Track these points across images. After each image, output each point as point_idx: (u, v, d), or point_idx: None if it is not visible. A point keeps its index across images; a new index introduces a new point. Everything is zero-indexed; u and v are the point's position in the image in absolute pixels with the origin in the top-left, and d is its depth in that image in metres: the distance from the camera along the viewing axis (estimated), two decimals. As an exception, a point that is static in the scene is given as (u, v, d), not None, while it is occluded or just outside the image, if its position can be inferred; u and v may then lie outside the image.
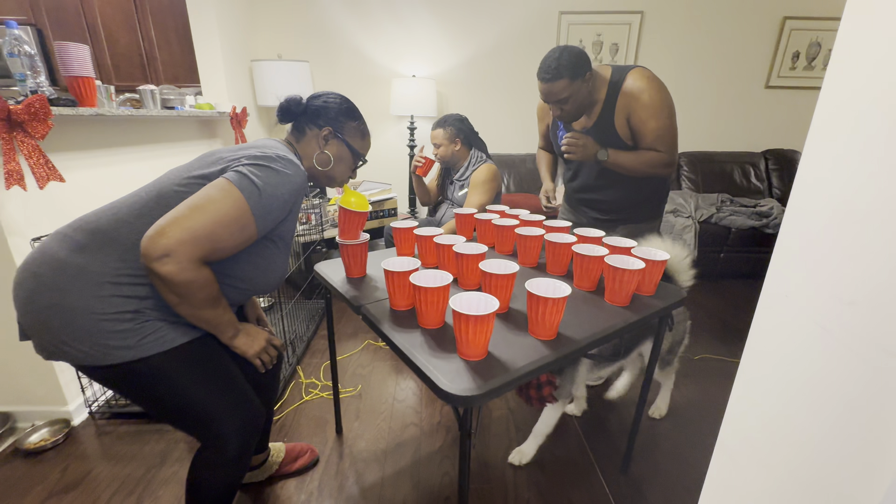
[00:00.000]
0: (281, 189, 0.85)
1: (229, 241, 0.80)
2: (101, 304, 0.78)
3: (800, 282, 0.43)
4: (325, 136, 1.03)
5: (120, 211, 0.83)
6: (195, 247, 0.75)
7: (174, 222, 0.74)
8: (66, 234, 0.82)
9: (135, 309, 0.80)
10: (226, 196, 0.79)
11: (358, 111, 1.08)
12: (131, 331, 0.79)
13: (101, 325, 0.78)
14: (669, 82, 3.26)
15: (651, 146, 1.40)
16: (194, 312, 0.81)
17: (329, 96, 1.05)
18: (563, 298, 0.81)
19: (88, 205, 1.52)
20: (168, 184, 0.85)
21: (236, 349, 0.92)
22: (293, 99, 1.02)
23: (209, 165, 0.87)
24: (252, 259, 0.90)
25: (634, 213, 1.60)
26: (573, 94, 1.36)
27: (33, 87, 1.31)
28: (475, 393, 0.69)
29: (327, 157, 1.03)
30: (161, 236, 0.73)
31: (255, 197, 0.81)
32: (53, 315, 0.77)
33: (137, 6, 2.84)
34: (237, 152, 0.87)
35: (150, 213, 0.81)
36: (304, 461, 1.33)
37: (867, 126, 0.36)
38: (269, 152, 0.87)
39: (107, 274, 0.79)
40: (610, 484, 1.30)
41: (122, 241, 0.81)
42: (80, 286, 0.78)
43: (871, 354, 0.36)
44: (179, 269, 0.74)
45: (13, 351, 1.40)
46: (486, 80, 3.13)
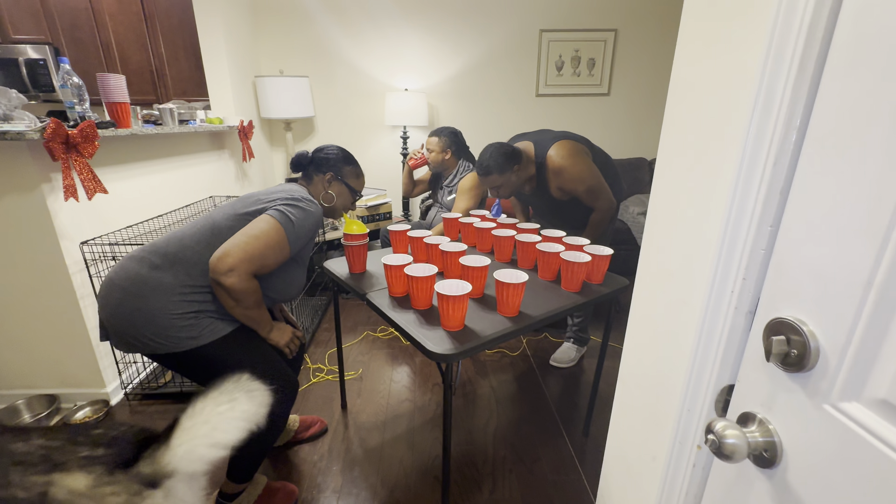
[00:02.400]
0: (307, 221, 1.15)
1: (272, 259, 1.09)
2: (174, 307, 1.04)
3: (650, 262, 0.67)
4: (329, 180, 1.32)
5: (183, 239, 1.10)
6: (251, 263, 1.03)
7: (236, 246, 1.03)
8: (143, 257, 1.08)
9: (196, 310, 1.07)
10: (271, 227, 1.08)
11: (353, 158, 1.38)
12: (194, 326, 1.06)
13: (174, 321, 1.03)
14: (642, 94, 3.53)
15: (589, 204, 1.72)
16: (245, 312, 1.09)
17: (330, 149, 1.35)
18: (522, 284, 1.06)
19: (124, 211, 1.77)
20: (220, 219, 1.13)
21: (270, 340, 1.19)
22: (302, 154, 1.34)
23: (251, 205, 1.15)
24: (281, 274, 1.18)
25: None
26: (504, 183, 1.70)
27: (81, 113, 1.53)
28: (453, 352, 0.93)
29: (331, 196, 1.34)
30: (227, 256, 1.01)
31: (291, 228, 1.11)
32: (138, 317, 1.03)
33: (149, 26, 3.05)
34: (272, 195, 1.17)
35: (208, 241, 1.09)
36: (315, 429, 1.57)
37: (677, 160, 0.61)
38: (297, 195, 1.17)
39: (178, 286, 1.05)
40: (574, 443, 1.55)
41: (188, 261, 1.07)
42: (158, 294, 1.04)
43: (677, 302, 0.61)
44: (239, 280, 1.02)
45: (58, 341, 1.62)
46: (473, 93, 3.38)
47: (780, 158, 0.43)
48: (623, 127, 3.56)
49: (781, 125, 0.43)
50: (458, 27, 3.20)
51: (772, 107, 0.43)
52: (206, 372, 1.10)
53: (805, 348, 0.40)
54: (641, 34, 3.31)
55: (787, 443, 0.44)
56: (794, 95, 0.41)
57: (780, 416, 0.44)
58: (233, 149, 2.79)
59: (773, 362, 0.44)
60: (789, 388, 0.43)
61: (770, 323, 0.44)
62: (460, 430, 1.62)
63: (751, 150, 0.46)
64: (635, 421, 0.74)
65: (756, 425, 0.46)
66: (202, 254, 1.07)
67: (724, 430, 0.44)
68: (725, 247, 0.50)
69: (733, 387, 0.52)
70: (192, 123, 2.37)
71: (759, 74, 0.44)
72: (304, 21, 3.10)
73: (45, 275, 1.53)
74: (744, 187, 0.47)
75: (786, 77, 0.42)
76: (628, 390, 0.76)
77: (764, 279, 0.46)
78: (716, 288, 0.52)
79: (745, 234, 0.47)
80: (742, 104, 0.48)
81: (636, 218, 3.03)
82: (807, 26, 0.39)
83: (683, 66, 0.58)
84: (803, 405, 0.42)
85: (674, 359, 0.62)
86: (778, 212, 0.44)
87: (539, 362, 2.06)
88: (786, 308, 0.43)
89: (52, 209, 1.46)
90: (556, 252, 1.27)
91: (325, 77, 3.24)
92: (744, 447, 0.44)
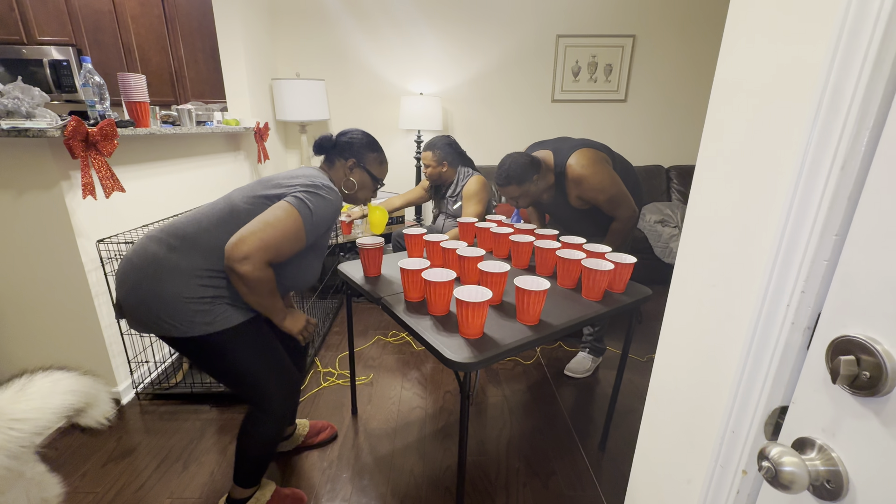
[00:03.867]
0: (326, 211, 1.10)
1: (288, 248, 1.04)
2: (189, 291, 1.02)
3: (689, 273, 0.64)
4: (350, 167, 1.27)
5: (201, 222, 1.07)
6: (266, 252, 0.99)
7: (252, 234, 0.99)
8: (161, 238, 1.06)
9: (212, 296, 1.04)
10: (288, 215, 1.04)
11: (377, 144, 1.32)
12: (209, 311, 1.03)
13: (189, 306, 1.02)
14: (660, 100, 3.49)
15: (609, 213, 1.68)
16: (258, 300, 1.05)
17: (354, 133, 1.30)
18: (544, 291, 1.02)
19: (141, 210, 1.77)
20: (238, 202, 1.10)
21: (284, 328, 1.15)
22: (325, 137, 1.28)
23: (270, 188, 1.11)
24: (297, 264, 1.14)
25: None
26: (523, 194, 1.66)
27: (101, 112, 1.54)
28: (473, 360, 0.90)
29: (352, 183, 1.28)
30: (242, 244, 0.97)
31: (308, 216, 1.06)
32: (153, 298, 1.01)
33: (169, 28, 3.10)
34: (292, 180, 1.12)
35: (226, 224, 1.06)
36: (325, 435, 1.54)
37: (721, 166, 0.58)
38: (317, 181, 1.12)
39: (194, 269, 1.03)
40: (590, 457, 1.50)
41: (205, 244, 1.04)
42: (175, 277, 1.02)
43: (721, 317, 0.57)
44: (253, 269, 0.98)
45: (71, 338, 1.62)
46: (488, 98, 3.36)
47: (850, 161, 0.40)
48: (640, 134, 3.51)
49: (851, 125, 0.39)
50: (474, 32, 3.20)
51: (840, 105, 0.40)
52: (213, 360, 1.10)
53: (880, 370, 0.36)
54: (660, 40, 3.27)
55: (855, 474, 0.39)
56: (867, 93, 0.38)
57: (847, 444, 0.40)
58: (248, 150, 2.81)
59: (840, 384, 0.40)
60: (859, 413, 0.39)
61: (835, 341, 0.40)
62: (472, 439, 1.58)
63: (813, 152, 0.42)
64: (667, 440, 0.70)
65: (816, 452, 0.42)
66: (220, 237, 1.04)
67: (782, 457, 0.40)
68: (781, 257, 0.46)
69: (786, 409, 0.47)
70: (209, 124, 2.38)
71: (826, 70, 0.41)
72: (320, 25, 3.12)
73: (60, 271, 1.53)
74: (804, 193, 0.43)
75: (858, 72, 0.38)
76: (660, 407, 0.72)
77: (826, 293, 0.42)
78: (768, 301, 0.48)
79: (806, 244, 0.44)
80: (802, 103, 0.44)
81: (653, 226, 2.97)
82: (888, 11, 0.36)
83: (729, 65, 0.55)
84: (877, 433, 0.37)
85: (715, 376, 0.58)
86: (845, 219, 0.41)
87: (553, 372, 2.01)
88: (854, 325, 0.39)
89: (70, 206, 1.47)
90: (578, 259, 1.23)
91: (340, 80, 3.25)
92: (804, 476, 0.40)
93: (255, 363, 1.11)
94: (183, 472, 1.41)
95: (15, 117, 1.36)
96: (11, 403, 0.72)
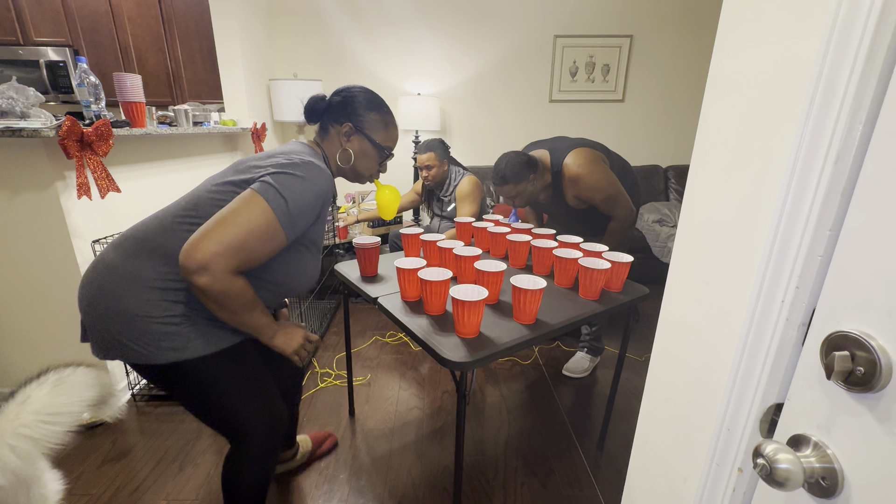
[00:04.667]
0: (306, 195, 0.86)
1: (261, 250, 0.83)
2: (153, 308, 0.83)
3: (684, 270, 0.63)
4: (346, 133, 1.01)
5: (165, 219, 0.88)
6: (228, 259, 0.78)
7: (205, 236, 0.78)
8: (119, 244, 0.89)
9: (182, 313, 0.85)
10: (252, 207, 0.81)
11: (380, 100, 1.05)
12: (179, 334, 0.85)
13: (153, 327, 0.83)
14: (658, 100, 3.50)
15: (607, 213, 1.68)
16: (232, 318, 0.85)
17: (352, 90, 1.03)
18: (540, 290, 1.02)
19: (136, 210, 1.76)
20: (202, 191, 0.91)
21: (276, 348, 0.94)
22: (316, 97, 1.03)
23: (241, 172, 0.90)
24: (284, 264, 0.92)
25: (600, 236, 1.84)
26: (519, 193, 1.66)
27: (96, 112, 1.54)
28: (469, 360, 0.89)
29: (348, 154, 1.02)
30: (195, 250, 0.77)
31: (282, 206, 0.83)
32: (112, 318, 0.83)
33: (166, 29, 3.10)
34: (265, 160, 0.90)
35: (189, 219, 0.87)
36: (327, 445, 1.50)
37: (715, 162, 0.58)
38: (295, 158, 0.88)
39: (156, 279, 0.84)
40: (588, 457, 1.49)
41: (167, 247, 0.85)
42: (133, 291, 0.83)
43: (716, 314, 0.57)
44: (213, 281, 0.77)
45: (66, 339, 1.61)
46: (485, 98, 3.36)
47: (843, 156, 0.39)
48: (637, 134, 3.51)
49: (844, 119, 0.39)
50: (472, 32, 3.20)
51: (833, 100, 0.40)
52: (185, 393, 0.93)
53: (874, 366, 0.36)
54: (657, 40, 3.27)
55: (850, 471, 0.39)
56: (860, 87, 0.38)
57: (842, 441, 0.40)
58: (246, 151, 2.80)
59: (835, 381, 0.39)
60: (854, 409, 0.39)
61: (830, 337, 0.40)
62: (470, 440, 1.58)
63: (806, 147, 0.42)
64: (664, 439, 0.69)
65: (811, 449, 0.42)
66: (183, 237, 0.82)
67: (777, 454, 0.40)
68: (775, 253, 0.46)
69: (781, 406, 0.47)
70: (206, 125, 2.38)
71: (819, 64, 0.40)
72: (318, 25, 3.11)
73: (55, 272, 1.52)
74: (798, 188, 0.43)
75: (851, 66, 0.38)
76: (656, 405, 0.71)
77: (821, 289, 0.42)
78: (763, 298, 0.48)
79: (800, 239, 0.43)
80: (795, 97, 0.44)
81: (651, 226, 2.98)
82: (879, 6, 0.35)
83: (723, 59, 0.54)
84: (871, 430, 0.37)
85: (711, 374, 0.58)
86: (839, 214, 0.40)
87: (551, 372, 2.01)
88: (849, 321, 0.39)
89: (65, 207, 1.46)
90: (575, 258, 1.23)
91: (338, 80, 3.24)
92: (799, 474, 0.40)
93: (232, 395, 0.92)
94: (179, 473, 1.40)
95: (9, 117, 1.35)
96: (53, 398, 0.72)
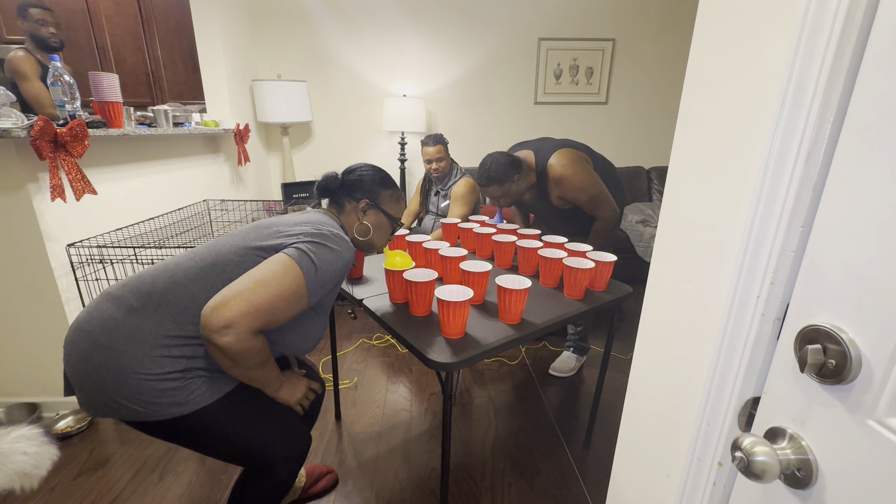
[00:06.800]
0: (335, 266, 0.90)
1: (285, 313, 0.84)
2: (152, 365, 0.81)
3: (664, 268, 0.64)
4: (363, 209, 1.08)
5: (175, 274, 0.87)
6: (255, 319, 0.79)
7: (238, 295, 0.78)
8: (120, 296, 0.86)
9: (183, 368, 0.83)
10: (287, 272, 0.83)
11: (391, 179, 1.14)
12: (180, 389, 0.82)
13: (151, 384, 0.80)
14: (640, 103, 3.55)
15: (590, 213, 1.70)
16: (245, 373, 0.86)
17: (363, 169, 1.11)
18: (525, 290, 1.02)
19: (114, 213, 1.72)
20: (225, 252, 0.89)
21: (279, 399, 0.96)
22: (330, 176, 1.09)
23: (267, 238, 0.91)
24: (295, 327, 0.94)
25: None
26: (505, 193, 1.67)
27: (71, 112, 1.49)
28: (454, 360, 0.89)
29: (367, 227, 1.08)
30: (224, 308, 0.77)
31: (312, 273, 0.86)
32: (107, 374, 0.80)
33: (145, 28, 3.03)
34: (294, 227, 0.93)
35: (206, 279, 0.86)
36: (325, 482, 1.35)
37: (693, 161, 0.59)
38: (325, 230, 0.93)
39: (160, 335, 0.82)
40: (575, 456, 1.50)
41: (176, 302, 0.84)
42: (133, 347, 0.81)
43: (695, 310, 0.58)
44: (237, 340, 0.78)
45: (40, 346, 1.56)
46: (471, 100, 3.37)
47: (813, 154, 0.40)
48: (621, 135, 3.57)
49: (814, 118, 0.40)
50: (457, 34, 3.21)
51: (803, 99, 0.41)
52: (196, 443, 0.90)
53: (845, 358, 0.37)
54: (639, 44, 3.33)
55: (824, 461, 0.40)
56: (828, 86, 0.39)
57: (815, 432, 0.41)
58: (228, 152, 2.75)
59: (808, 373, 0.40)
60: (826, 401, 0.40)
61: (803, 331, 0.41)
62: (458, 441, 1.57)
63: (779, 146, 0.43)
64: (646, 435, 0.70)
65: (787, 441, 0.43)
66: (197, 295, 0.83)
67: (754, 447, 0.41)
68: (750, 249, 0.47)
69: (759, 400, 0.48)
70: (187, 126, 2.33)
71: (789, 64, 0.41)
72: (302, 26, 3.08)
73: (28, 277, 1.47)
74: (771, 186, 0.44)
75: (820, 66, 0.39)
76: (639, 402, 0.72)
77: (794, 283, 0.43)
78: (739, 293, 0.48)
79: (773, 236, 0.44)
80: (768, 97, 0.45)
81: (634, 226, 3.02)
82: (845, 9, 0.36)
83: (700, 60, 0.55)
84: (843, 420, 0.38)
85: (691, 369, 0.59)
86: (810, 211, 0.41)
87: (538, 371, 2.02)
88: (821, 314, 0.40)
89: (38, 209, 1.41)
90: (559, 258, 1.24)
91: (323, 82, 3.22)
92: (775, 466, 0.40)
93: (246, 433, 0.90)
94: (159, 482, 1.37)
95: (-22, 117, 1.31)
96: None
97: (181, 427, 0.85)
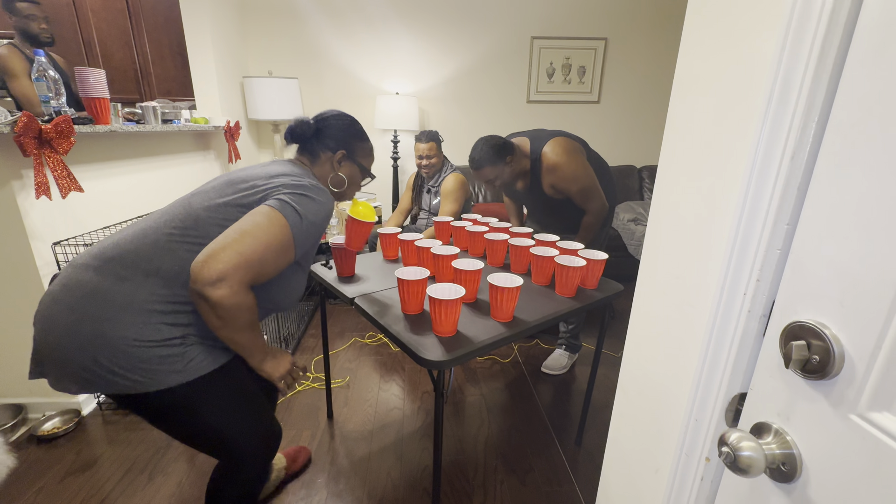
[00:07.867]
0: (318, 216, 0.90)
1: (273, 265, 0.84)
2: (152, 332, 0.79)
3: (654, 265, 0.65)
4: (339, 160, 1.06)
5: (158, 240, 0.84)
6: (247, 271, 0.78)
7: (227, 247, 0.77)
8: (99, 266, 0.82)
9: (182, 335, 0.82)
10: (273, 223, 0.83)
11: (364, 130, 1.12)
12: (179, 355, 0.82)
13: (153, 351, 0.79)
14: (632, 101, 3.57)
15: (581, 205, 1.70)
16: (233, 336, 0.83)
17: (337, 117, 1.08)
18: (517, 288, 1.02)
19: (101, 211, 1.70)
20: (203, 211, 0.86)
21: (263, 372, 0.93)
22: (303, 122, 1.05)
23: (245, 191, 0.89)
24: (279, 282, 0.93)
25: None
26: (498, 176, 1.67)
27: (56, 108, 1.46)
28: (446, 358, 0.89)
29: (341, 179, 1.07)
30: (215, 261, 0.75)
31: (298, 223, 0.86)
32: (102, 345, 0.77)
33: (133, 23, 2.98)
34: (272, 180, 0.90)
35: (191, 239, 0.84)
36: (302, 460, 1.41)
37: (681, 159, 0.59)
38: (304, 181, 0.91)
39: (154, 302, 0.80)
40: (566, 453, 1.51)
41: (167, 268, 0.82)
42: (129, 315, 0.79)
43: (684, 307, 0.58)
44: (231, 293, 0.76)
45: (26, 346, 1.53)
46: (464, 99, 3.37)
47: (798, 152, 0.41)
48: (613, 134, 3.59)
49: (800, 117, 0.40)
50: (450, 32, 3.20)
51: (789, 98, 0.41)
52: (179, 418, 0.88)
53: (828, 354, 0.38)
54: (631, 43, 3.35)
55: (808, 455, 0.41)
56: (813, 85, 0.39)
57: (800, 427, 0.41)
58: (218, 150, 2.72)
59: (793, 369, 0.41)
60: (810, 396, 0.40)
61: (788, 327, 0.42)
62: (450, 439, 1.57)
63: (765, 144, 0.44)
64: (636, 431, 0.71)
65: (772, 436, 0.44)
66: (185, 258, 0.81)
67: (740, 442, 0.41)
68: (737, 247, 0.47)
69: (745, 395, 0.49)
70: (176, 123, 2.30)
71: (775, 63, 0.42)
72: (293, 22, 3.06)
73: (12, 276, 1.45)
74: (757, 184, 0.45)
75: (805, 65, 0.39)
76: (629, 399, 0.73)
77: (780, 280, 0.44)
78: (726, 290, 0.49)
79: (760, 233, 0.45)
80: (755, 96, 0.46)
81: (626, 225, 3.04)
82: (829, 8, 0.37)
83: (688, 59, 0.56)
84: (826, 415, 0.39)
85: (679, 366, 0.59)
86: (796, 208, 0.42)
87: (530, 369, 2.03)
88: (805, 311, 0.40)
89: (22, 207, 1.39)
90: (551, 256, 1.24)
91: (314, 79, 3.19)
92: (761, 460, 0.41)
93: (225, 418, 0.90)
94: (148, 483, 1.35)
95: (-41, 113, 1.28)
96: None
97: (171, 398, 0.83)
